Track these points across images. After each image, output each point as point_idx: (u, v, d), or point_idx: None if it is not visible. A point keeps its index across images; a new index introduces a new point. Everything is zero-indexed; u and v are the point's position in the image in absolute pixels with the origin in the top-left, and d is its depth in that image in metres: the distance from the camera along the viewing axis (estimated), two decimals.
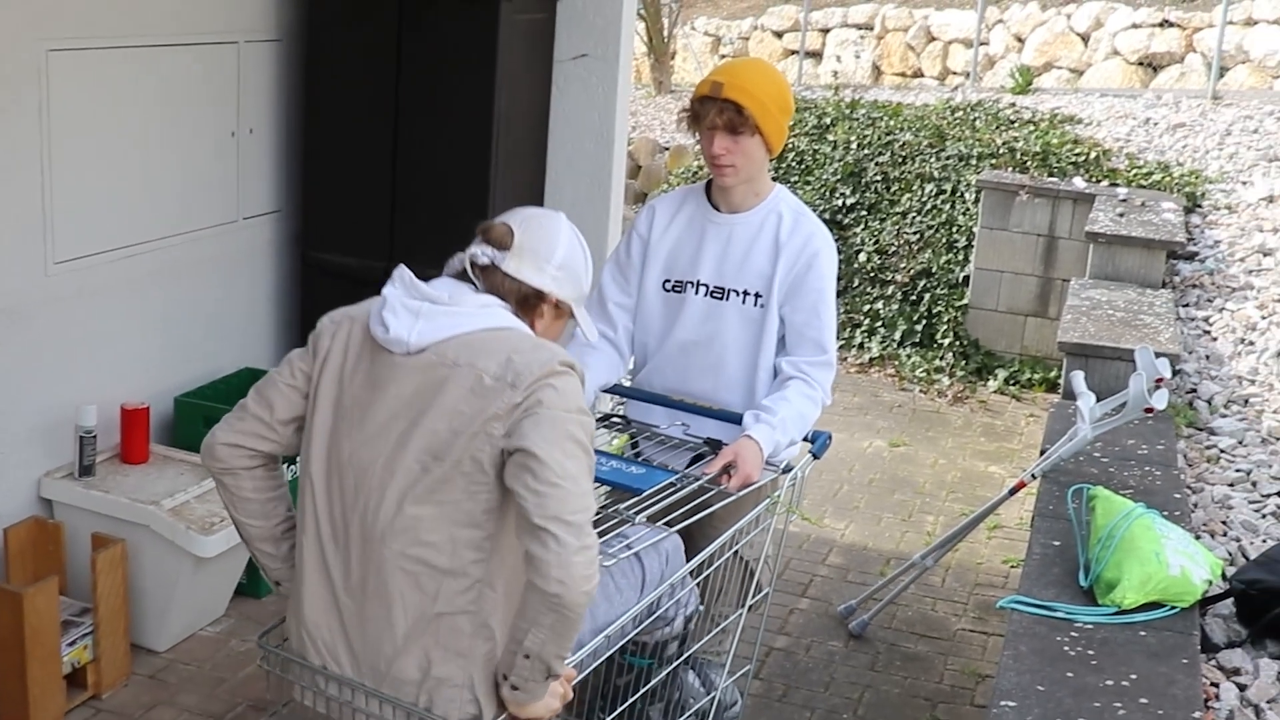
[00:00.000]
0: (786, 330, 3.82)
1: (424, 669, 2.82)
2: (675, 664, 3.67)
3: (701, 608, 3.71)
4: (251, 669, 4.82)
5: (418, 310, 2.85)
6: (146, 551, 4.70)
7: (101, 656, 4.54)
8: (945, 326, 9.32)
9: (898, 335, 9.42)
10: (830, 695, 5.00)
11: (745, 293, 3.80)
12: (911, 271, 9.56)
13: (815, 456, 3.80)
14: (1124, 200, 8.61)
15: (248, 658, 4.89)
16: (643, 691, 3.58)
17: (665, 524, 3.41)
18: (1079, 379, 4.94)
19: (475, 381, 2.76)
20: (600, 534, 3.03)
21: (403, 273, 2.91)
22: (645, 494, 3.45)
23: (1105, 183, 9.22)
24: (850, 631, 5.47)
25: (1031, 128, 10.17)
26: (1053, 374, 8.85)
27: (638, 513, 3.35)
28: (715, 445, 3.70)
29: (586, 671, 3.23)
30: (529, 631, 2.75)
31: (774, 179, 3.94)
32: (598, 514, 3.33)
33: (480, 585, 2.80)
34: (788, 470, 3.68)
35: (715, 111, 3.65)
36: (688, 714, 3.78)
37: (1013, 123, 10.34)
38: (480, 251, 2.97)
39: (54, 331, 4.81)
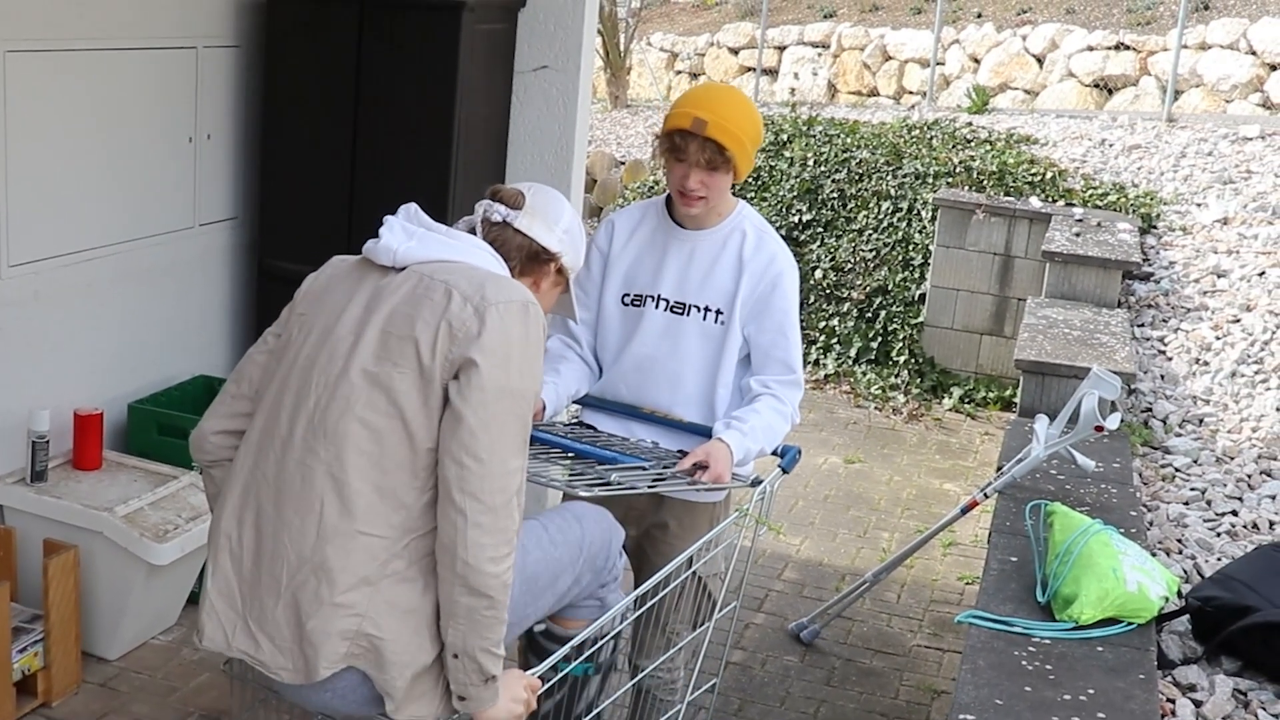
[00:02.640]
0: (753, 351, 3.80)
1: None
2: (625, 680, 3.66)
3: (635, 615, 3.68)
4: (204, 678, 4.78)
5: (413, 233, 2.94)
6: (99, 558, 4.65)
7: (52, 664, 4.49)
8: (901, 344, 9.35)
9: (853, 352, 9.44)
10: (786, 710, 4.99)
11: (706, 309, 3.78)
12: (867, 289, 9.58)
13: (785, 471, 3.78)
14: (1080, 220, 8.66)
15: (200, 667, 4.85)
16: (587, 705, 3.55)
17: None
18: (1043, 422, 4.92)
19: (443, 293, 2.80)
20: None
21: (410, 206, 3.01)
22: (615, 464, 3.45)
23: (1061, 203, 9.27)
24: (801, 640, 5.47)
25: (988, 147, 10.21)
26: (1008, 392, 8.88)
27: (610, 471, 3.38)
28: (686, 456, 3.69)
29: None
30: (449, 627, 2.76)
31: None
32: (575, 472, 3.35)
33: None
34: (756, 484, 3.67)
35: (696, 148, 3.60)
36: None
37: (969, 142, 10.38)
38: (493, 209, 3.06)
39: (7, 335, 4.76)
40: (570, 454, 3.56)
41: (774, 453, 3.79)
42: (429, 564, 2.79)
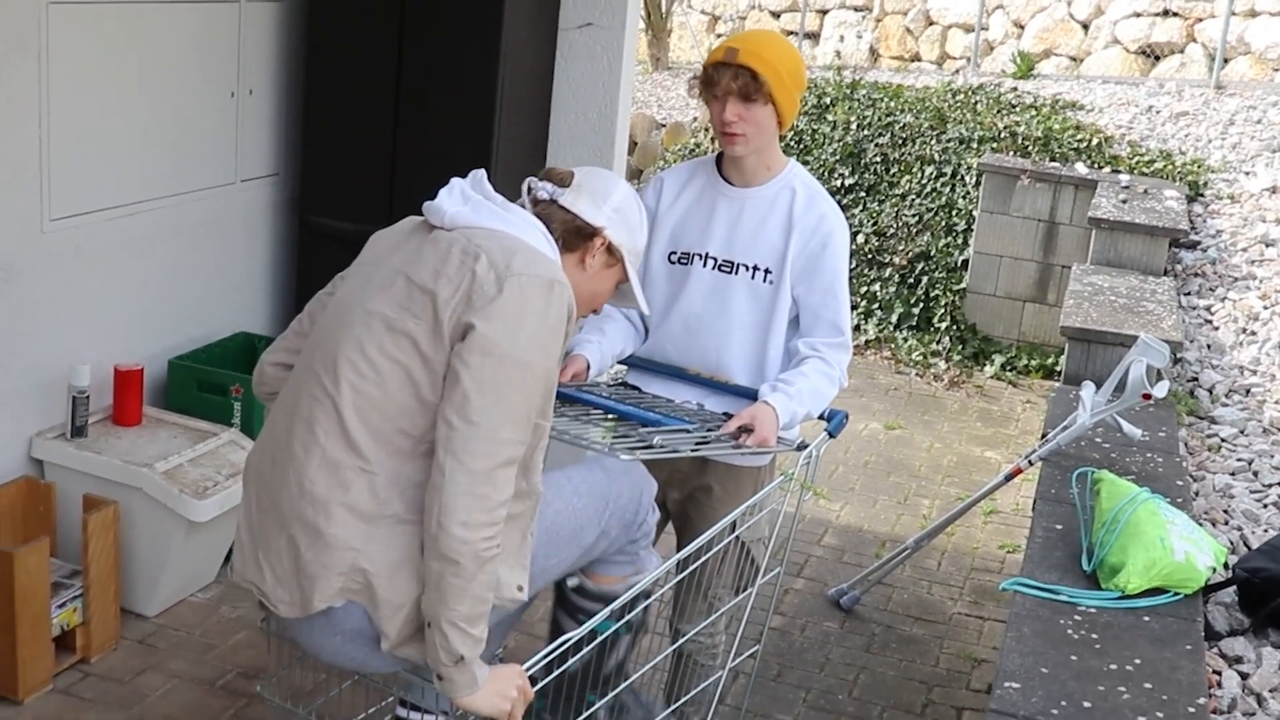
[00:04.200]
0: (801, 311, 3.74)
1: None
2: (665, 645, 3.63)
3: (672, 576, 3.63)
4: (242, 636, 4.78)
5: (469, 199, 2.95)
6: (138, 515, 4.65)
7: (91, 620, 4.49)
8: (943, 310, 9.29)
9: (895, 318, 9.38)
10: (825, 676, 4.97)
11: (755, 268, 3.72)
12: (910, 254, 9.51)
13: (831, 435, 3.73)
14: (1126, 187, 8.58)
15: (238, 625, 4.85)
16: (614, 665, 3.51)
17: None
18: (1089, 389, 4.86)
19: (474, 256, 2.82)
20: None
21: (478, 172, 3.02)
22: (659, 426, 3.42)
23: (1107, 169, 9.18)
24: (841, 606, 5.44)
25: (1033, 112, 10.11)
26: (1050, 360, 8.82)
27: (653, 434, 3.34)
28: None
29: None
30: (425, 592, 2.75)
31: None
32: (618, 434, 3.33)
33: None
34: (802, 448, 3.62)
35: (730, 77, 3.55)
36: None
37: (1014, 107, 10.29)
38: (541, 186, 3.07)
39: (49, 290, 4.75)
40: (612, 415, 3.52)
41: (820, 417, 3.74)
42: None
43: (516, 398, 2.75)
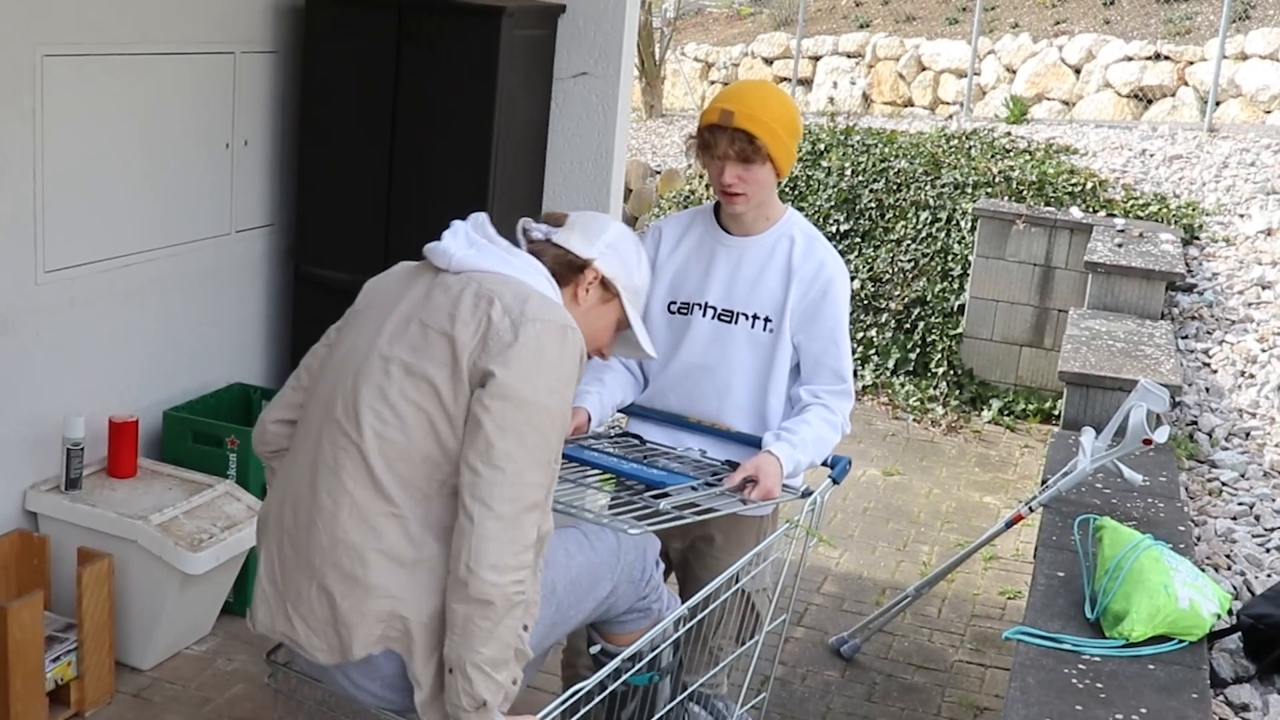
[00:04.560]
0: (802, 359, 3.73)
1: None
2: (679, 691, 3.59)
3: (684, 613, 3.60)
4: (238, 689, 4.74)
5: (474, 242, 2.96)
6: (133, 567, 4.61)
7: (85, 673, 4.45)
8: (939, 355, 9.27)
9: (891, 363, 9.37)
10: None
11: (755, 316, 3.71)
12: (906, 299, 9.50)
13: (835, 481, 3.72)
14: (1122, 231, 8.58)
15: (234, 677, 4.80)
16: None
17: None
18: (1089, 434, 4.84)
19: (487, 301, 2.82)
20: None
21: (480, 215, 3.04)
22: (665, 487, 3.38)
23: (1102, 213, 9.19)
24: (842, 655, 5.41)
25: (1027, 157, 10.13)
26: (1048, 404, 8.80)
27: (655, 497, 3.30)
28: (734, 467, 3.62)
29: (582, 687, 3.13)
30: (447, 638, 2.73)
31: None
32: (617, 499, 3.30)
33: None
34: (807, 494, 3.60)
35: (726, 141, 3.55)
36: None
37: (1008, 152, 10.31)
38: (536, 227, 3.11)
39: (43, 341, 4.72)
40: (614, 475, 3.49)
41: (824, 463, 3.72)
42: None
43: (537, 440, 2.75)
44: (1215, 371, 6.68)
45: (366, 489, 2.77)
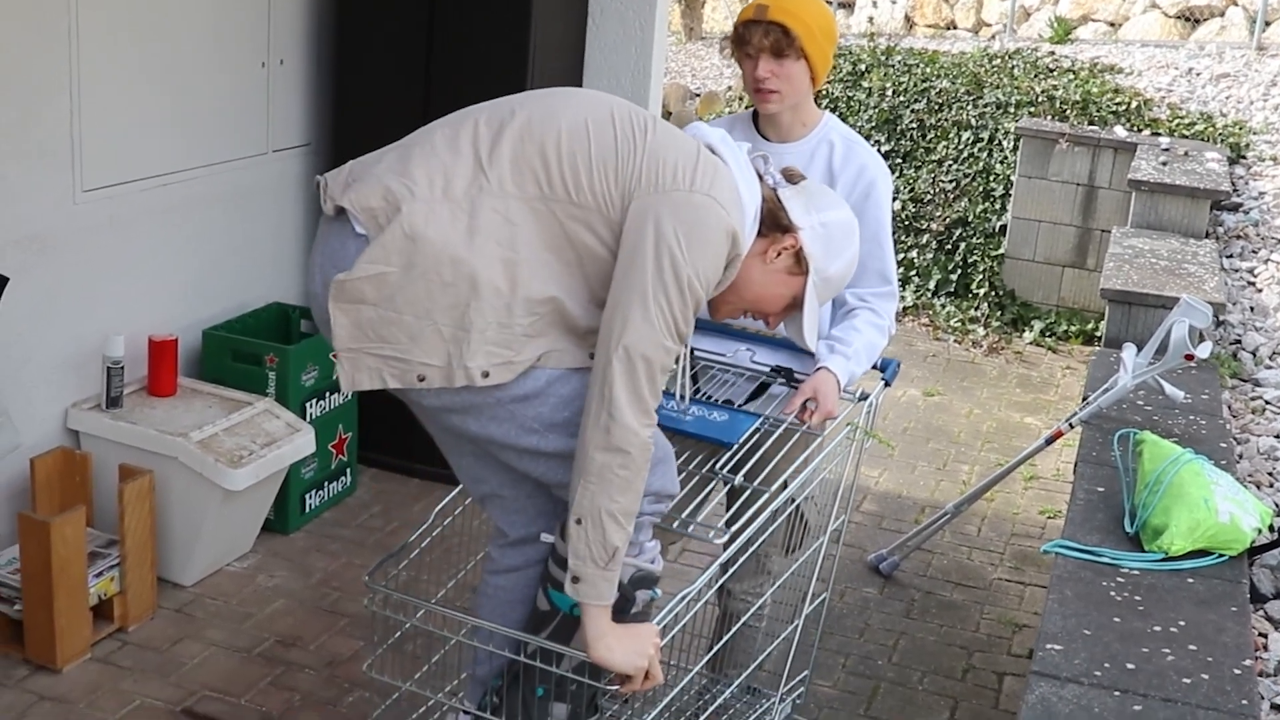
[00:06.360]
0: None
1: None
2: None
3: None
4: (279, 604, 4.78)
5: (725, 140, 3.03)
6: (174, 484, 4.64)
7: (128, 589, 4.49)
8: (981, 276, 9.21)
9: (932, 284, 9.31)
10: (865, 642, 4.93)
11: None
12: (947, 220, 9.44)
13: (887, 384, 3.72)
14: (1166, 150, 8.48)
15: (275, 593, 4.84)
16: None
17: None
18: (1131, 350, 4.79)
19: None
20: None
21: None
22: (737, 447, 3.32)
23: (1147, 132, 9.09)
24: (880, 572, 5.41)
25: (1071, 76, 10.02)
26: (1090, 326, 8.74)
27: (730, 469, 3.26)
28: (783, 372, 3.60)
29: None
30: (578, 488, 2.74)
31: None
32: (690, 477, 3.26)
33: None
34: (863, 399, 3.60)
35: (760, 34, 3.53)
36: None
37: (1052, 71, 10.19)
38: (769, 171, 3.08)
39: (82, 262, 4.74)
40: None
41: (875, 366, 3.72)
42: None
43: (680, 308, 2.77)
44: (1260, 290, 6.61)
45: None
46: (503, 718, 3.09)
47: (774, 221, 3.02)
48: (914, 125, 9.82)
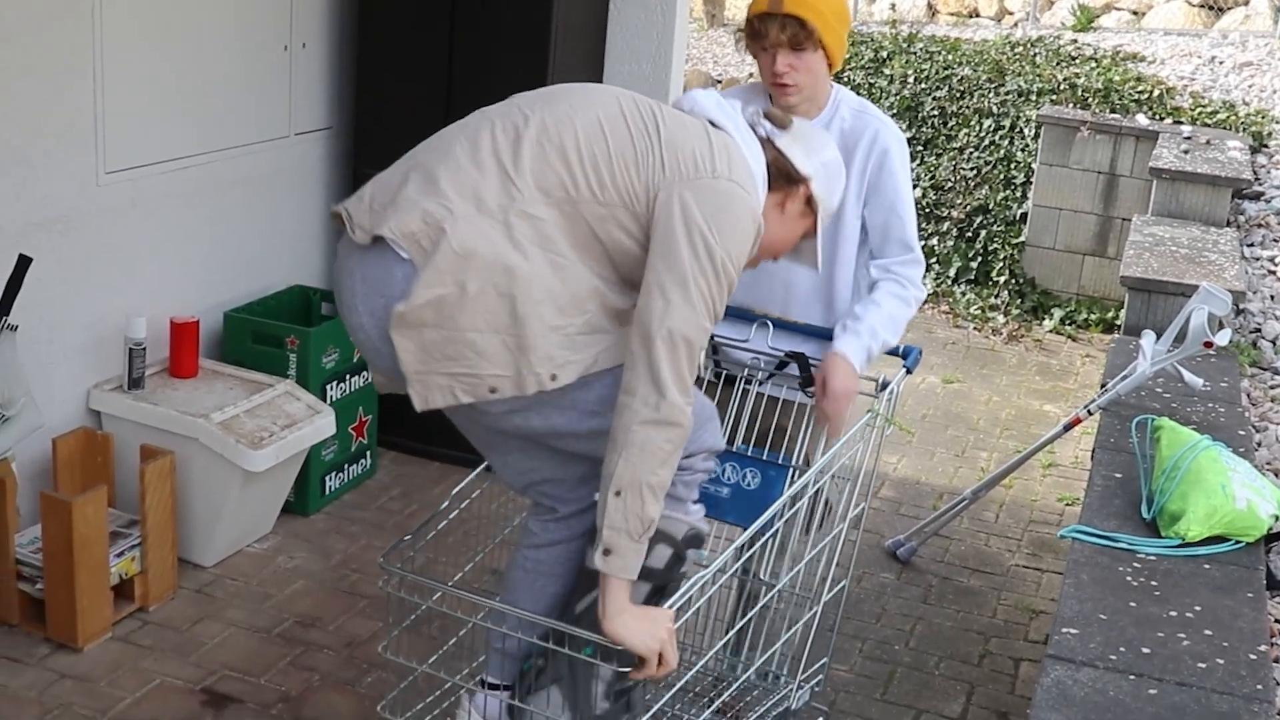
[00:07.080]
0: (870, 232, 3.69)
1: None
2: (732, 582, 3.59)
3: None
4: (299, 585, 4.80)
5: (721, 105, 3.08)
6: (195, 465, 4.67)
7: (149, 569, 4.52)
8: (1001, 264, 9.20)
9: (953, 272, 9.31)
10: (882, 627, 4.94)
11: None
12: (968, 208, 9.43)
13: (909, 371, 3.69)
14: (1188, 138, 8.46)
15: (295, 574, 4.87)
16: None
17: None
18: (1150, 337, 4.79)
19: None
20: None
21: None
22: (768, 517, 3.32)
23: (1169, 120, 9.06)
24: (898, 558, 5.41)
25: (1093, 64, 9.98)
26: (1110, 314, 8.73)
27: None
28: (797, 358, 3.60)
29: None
30: (617, 459, 2.78)
31: None
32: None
33: None
34: (884, 386, 3.59)
35: (777, 28, 3.48)
36: None
37: (1074, 59, 10.15)
38: (760, 124, 3.11)
39: (104, 243, 4.76)
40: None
41: (898, 353, 3.70)
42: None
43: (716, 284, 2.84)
44: None
45: None
46: (546, 679, 3.11)
47: (783, 174, 3.08)
48: (935, 113, 9.80)
